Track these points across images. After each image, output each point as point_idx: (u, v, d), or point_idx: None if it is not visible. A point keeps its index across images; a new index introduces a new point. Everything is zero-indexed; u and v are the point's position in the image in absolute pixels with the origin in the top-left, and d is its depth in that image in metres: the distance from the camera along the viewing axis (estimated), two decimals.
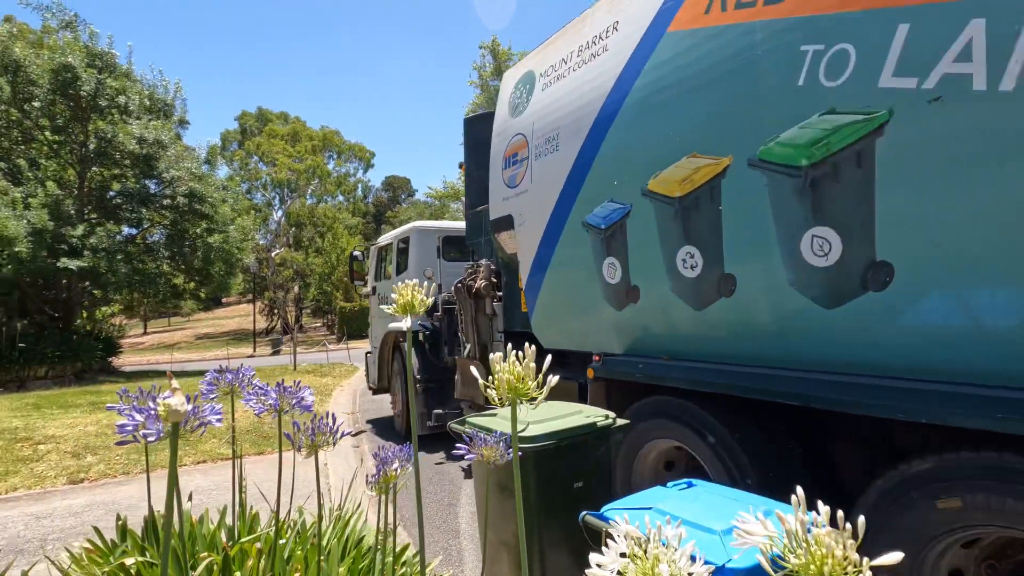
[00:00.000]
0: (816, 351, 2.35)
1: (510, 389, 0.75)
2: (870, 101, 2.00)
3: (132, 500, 4.79)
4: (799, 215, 2.27)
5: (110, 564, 1.71)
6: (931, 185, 1.88)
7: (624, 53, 3.17)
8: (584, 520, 1.85)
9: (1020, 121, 1.64)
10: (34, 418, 8.16)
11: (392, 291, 3.07)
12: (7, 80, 14.03)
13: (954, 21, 1.77)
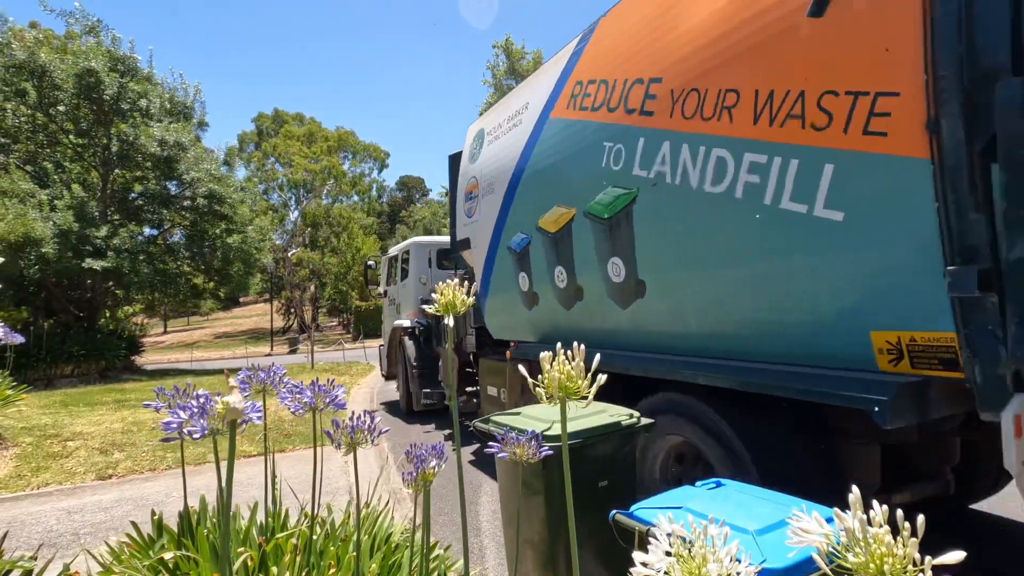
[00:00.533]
0: (620, 337, 3.69)
1: (560, 388, 0.75)
2: (630, 182, 3.29)
3: (159, 496, 4.89)
4: (606, 249, 3.56)
5: (149, 558, 1.75)
6: (659, 234, 3.17)
7: (528, 128, 4.45)
8: (615, 519, 1.85)
9: (687, 202, 2.90)
10: (62, 415, 8.35)
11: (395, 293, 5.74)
12: (33, 85, 14.35)
13: (657, 140, 3.08)
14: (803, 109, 2.29)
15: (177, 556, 1.75)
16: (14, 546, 3.32)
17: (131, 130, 15.24)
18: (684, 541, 0.85)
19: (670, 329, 3.29)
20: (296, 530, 1.83)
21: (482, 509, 4.50)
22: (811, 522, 0.70)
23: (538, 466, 2.74)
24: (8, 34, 14.47)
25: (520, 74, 34.14)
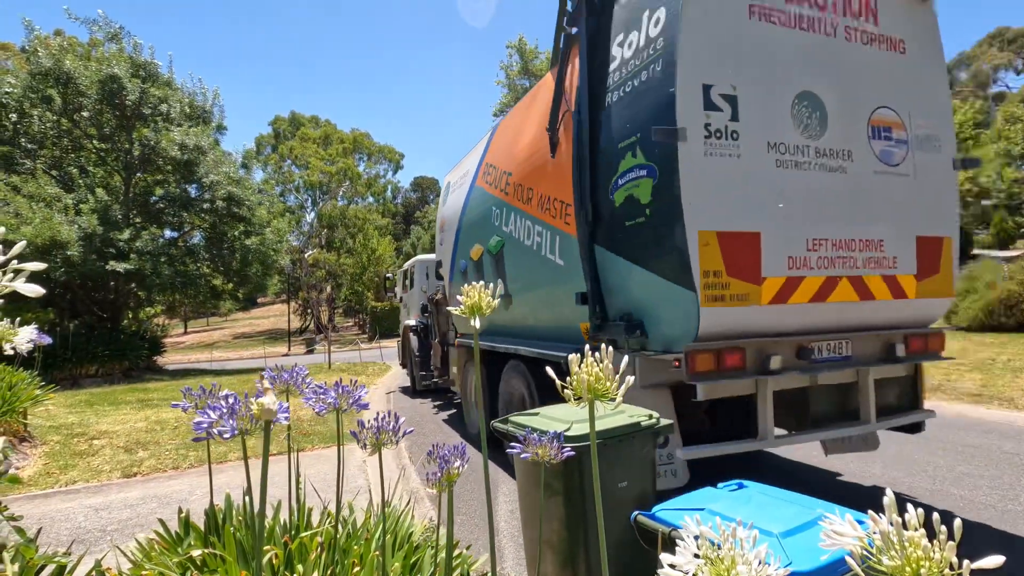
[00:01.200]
0: (506, 329, 5.83)
1: (589, 390, 0.76)
2: (502, 234, 5.36)
3: (182, 494, 4.98)
4: (494, 273, 5.67)
5: (178, 555, 1.78)
6: (513, 265, 5.27)
7: (466, 189, 6.67)
8: (636, 520, 1.84)
9: (520, 249, 5.03)
10: (87, 414, 8.54)
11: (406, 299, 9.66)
12: (58, 91, 14.69)
13: (510, 211, 5.14)
14: (550, 204, 4.47)
15: (205, 554, 1.78)
16: (46, 542, 3.41)
17: (152, 134, 15.54)
18: (711, 543, 0.85)
19: (523, 324, 5.47)
20: (320, 529, 1.85)
21: (499, 508, 4.50)
22: (845, 525, 0.70)
23: (558, 467, 2.74)
24: (35, 42, 14.83)
25: (533, 74, 34.09)
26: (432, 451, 1.60)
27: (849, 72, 3.58)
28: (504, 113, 35.09)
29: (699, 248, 3.07)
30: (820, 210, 3.41)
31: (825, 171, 3.45)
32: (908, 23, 3.83)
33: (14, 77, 14.88)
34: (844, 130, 3.52)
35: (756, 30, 3.31)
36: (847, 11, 3.61)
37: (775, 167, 3.29)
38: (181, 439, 6.77)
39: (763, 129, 3.28)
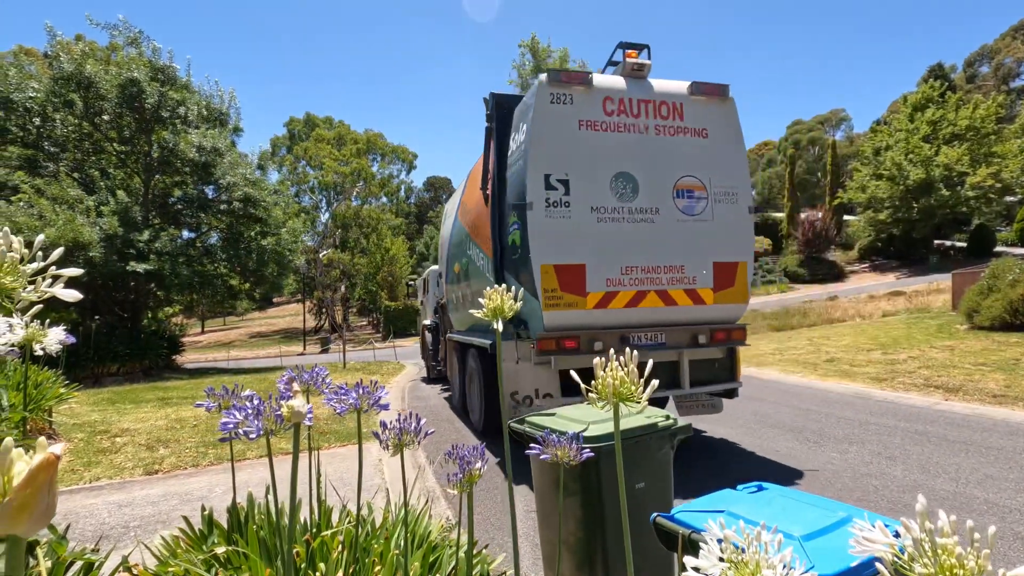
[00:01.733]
0: (478, 325, 7.20)
1: (615, 393, 0.76)
2: (467, 256, 7.29)
3: (203, 491, 5.05)
4: (467, 284, 7.43)
5: (203, 552, 1.81)
6: (473, 280, 7.04)
7: (452, 220, 8.49)
8: (655, 522, 1.84)
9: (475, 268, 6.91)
10: (109, 412, 8.70)
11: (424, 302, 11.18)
12: (80, 96, 14.98)
13: (472, 242, 7.01)
14: (486, 239, 5.89)
15: (229, 551, 1.81)
16: (72, 538, 3.49)
17: (171, 137, 15.78)
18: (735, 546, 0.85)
19: (478, 322, 6.88)
20: (341, 528, 1.87)
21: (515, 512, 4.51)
22: (876, 532, 0.69)
23: (575, 467, 2.75)
24: (57, 47, 15.13)
25: None
26: (451, 452, 1.61)
27: (659, 155, 5.27)
28: None
29: (541, 274, 4.96)
30: (632, 248, 5.14)
31: (636, 223, 5.18)
32: (710, 114, 5.47)
33: (37, 82, 15.20)
34: (652, 194, 5.25)
35: (584, 136, 5.08)
36: (657, 114, 5.30)
37: (596, 223, 5.05)
38: (200, 437, 6.88)
39: (587, 199, 5.06)
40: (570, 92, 5.09)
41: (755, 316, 19.60)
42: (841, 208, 42.44)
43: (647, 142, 5.25)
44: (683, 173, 5.30)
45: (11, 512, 0.36)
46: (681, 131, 5.34)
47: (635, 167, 5.18)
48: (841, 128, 72.75)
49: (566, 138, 5.03)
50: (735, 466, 5.15)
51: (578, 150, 5.05)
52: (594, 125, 5.10)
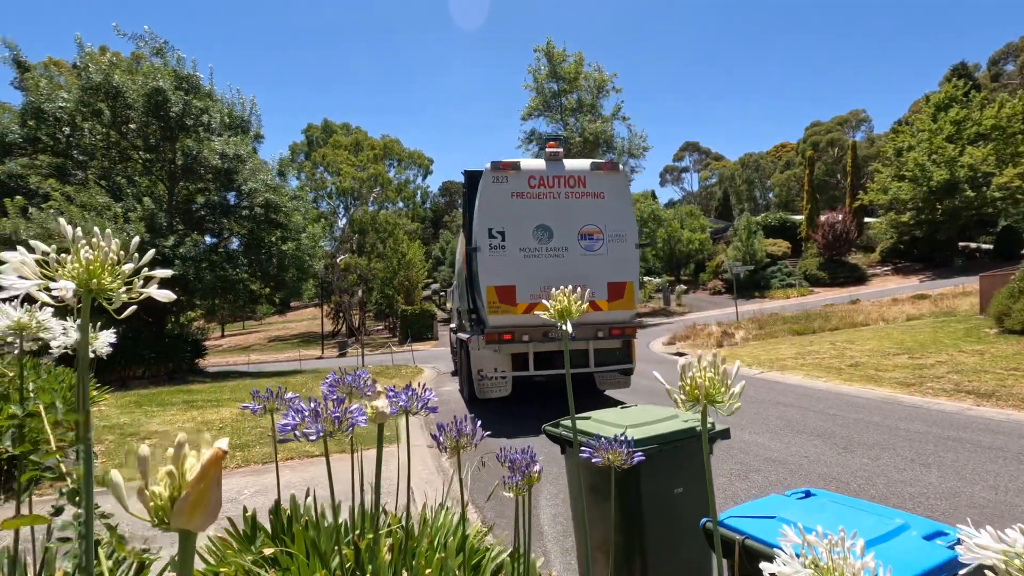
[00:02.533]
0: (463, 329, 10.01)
1: (707, 395, 0.75)
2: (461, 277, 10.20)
3: (232, 493, 5.11)
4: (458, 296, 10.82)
5: (252, 553, 1.83)
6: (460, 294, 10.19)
7: (459, 252, 10.46)
8: (705, 528, 1.81)
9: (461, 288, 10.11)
10: (137, 415, 8.85)
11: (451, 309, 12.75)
12: (107, 105, 15.33)
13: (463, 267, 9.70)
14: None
15: (277, 551, 1.82)
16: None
17: (195, 144, 16.07)
18: (798, 554, 0.84)
19: None
20: (389, 529, 1.88)
21: (542, 512, 4.49)
22: (986, 538, 0.67)
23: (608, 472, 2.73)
24: (86, 58, 15.51)
25: (561, 77, 34.06)
26: (500, 455, 1.61)
27: (568, 212, 7.68)
28: (531, 117, 35.13)
29: (486, 292, 7.49)
30: (548, 273, 7.48)
31: (551, 257, 7.66)
32: (606, 182, 7.88)
33: (67, 92, 15.59)
34: (562, 238, 7.70)
35: (515, 201, 7.54)
36: (566, 185, 7.73)
37: (523, 258, 7.48)
38: (228, 438, 6.95)
39: (517, 242, 7.57)
40: (506, 174, 7.64)
41: (774, 320, 19.34)
42: (862, 210, 41.76)
43: (559, 204, 7.77)
44: (585, 223, 7.81)
45: (187, 507, 0.36)
46: (584, 195, 7.83)
47: (550, 220, 7.74)
48: (861, 129, 71.64)
49: (503, 204, 7.62)
50: (762, 471, 5.08)
51: (510, 211, 7.64)
52: (522, 195, 7.68)
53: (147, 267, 0.81)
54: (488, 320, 7.55)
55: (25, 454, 1.73)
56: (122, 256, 0.78)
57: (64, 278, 0.71)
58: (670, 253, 43.84)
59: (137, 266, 0.79)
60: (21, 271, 0.70)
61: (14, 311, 1.80)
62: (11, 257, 0.70)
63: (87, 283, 0.71)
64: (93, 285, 0.72)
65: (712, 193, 79.99)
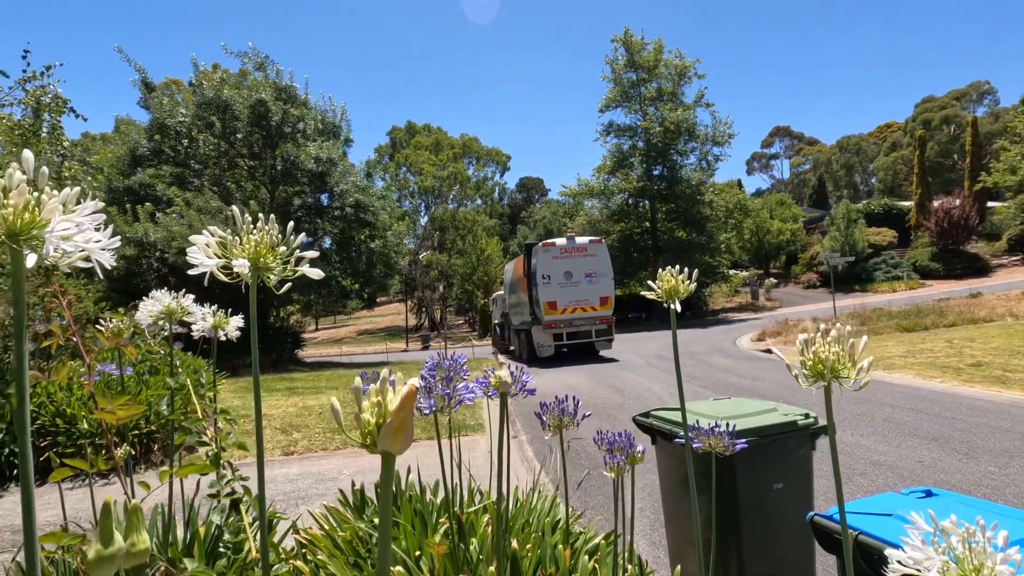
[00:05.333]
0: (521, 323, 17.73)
1: (832, 370, 0.74)
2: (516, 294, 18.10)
3: (332, 472, 5.50)
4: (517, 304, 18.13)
5: (364, 522, 1.98)
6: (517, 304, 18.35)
7: (511, 275, 18.83)
8: (813, 521, 1.75)
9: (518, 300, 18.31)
10: (247, 399, 9.71)
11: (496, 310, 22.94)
12: (218, 118, 16.84)
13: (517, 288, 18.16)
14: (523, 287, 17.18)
15: None
16: None
17: (293, 150, 17.28)
18: (929, 543, 0.81)
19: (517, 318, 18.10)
20: (485, 503, 1.97)
21: (628, 505, 4.46)
22: None
23: (701, 464, 2.67)
24: (200, 76, 17.12)
25: (640, 66, 33.14)
26: (598, 437, 1.64)
27: (578, 264, 15.49)
28: (609, 109, 34.45)
29: (544, 304, 15.19)
30: (572, 294, 15.32)
31: (571, 287, 15.36)
32: (596, 248, 15.98)
33: (184, 108, 17.30)
34: (577, 276, 15.46)
35: (554, 260, 15.35)
36: (577, 251, 15.62)
37: (559, 287, 15.20)
38: (326, 424, 7.48)
39: (555, 280, 15.29)
40: (548, 247, 15.51)
41: (879, 315, 17.79)
42: (984, 194, 37.36)
43: (574, 260, 15.28)
44: (588, 269, 15.32)
45: (391, 433, 0.43)
46: (585, 255, 15.47)
47: (571, 268, 15.16)
48: (984, 103, 63.99)
49: (548, 262, 15.13)
50: (867, 474, 4.73)
51: (552, 265, 15.10)
52: (557, 257, 15.21)
53: (299, 249, 0.91)
54: (544, 318, 15.14)
55: (175, 421, 1.98)
56: (279, 239, 0.89)
57: (238, 258, 0.82)
58: (758, 245, 41.56)
59: (291, 248, 0.89)
60: (206, 252, 0.82)
61: (166, 297, 2.05)
62: (198, 240, 0.82)
63: (256, 261, 0.82)
64: (260, 264, 0.83)
65: (805, 180, 74.78)
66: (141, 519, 0.51)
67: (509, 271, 18.62)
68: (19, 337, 0.60)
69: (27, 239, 0.60)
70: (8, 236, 0.59)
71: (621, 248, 32.55)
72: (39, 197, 0.61)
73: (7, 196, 0.59)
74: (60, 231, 0.59)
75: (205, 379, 1.98)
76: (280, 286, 0.89)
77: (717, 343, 17.25)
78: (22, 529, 0.59)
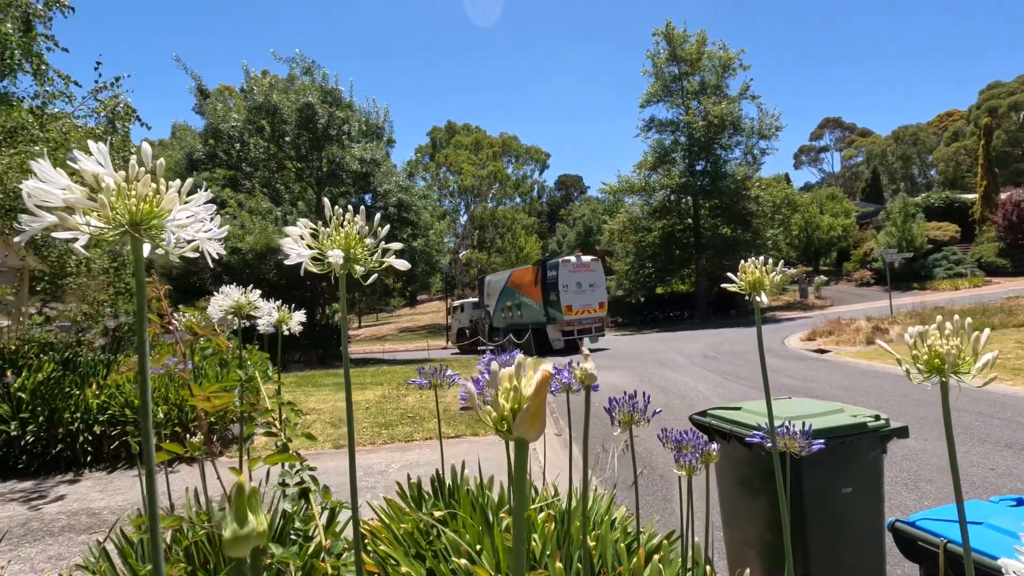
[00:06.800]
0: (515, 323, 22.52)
1: (953, 366, 0.69)
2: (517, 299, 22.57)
3: (380, 466, 5.61)
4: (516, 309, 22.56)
5: (425, 514, 2.00)
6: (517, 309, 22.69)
7: (502, 285, 23.48)
8: (895, 527, 1.66)
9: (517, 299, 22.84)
10: (298, 394, 10.02)
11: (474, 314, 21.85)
12: (268, 122, 17.42)
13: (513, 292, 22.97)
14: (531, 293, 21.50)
15: (446, 514, 1.98)
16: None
17: (338, 151, 17.71)
18: None
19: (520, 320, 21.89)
20: (545, 502, 1.96)
21: (679, 507, 4.37)
22: None
23: (762, 465, 2.59)
24: (251, 82, 17.76)
25: (683, 59, 32.39)
26: (663, 436, 1.60)
27: (585, 276, 19.85)
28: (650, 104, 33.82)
29: (563, 307, 19.19)
30: (582, 299, 19.52)
31: (580, 294, 19.60)
32: (595, 264, 20.54)
33: (237, 113, 17.98)
34: (584, 285, 19.71)
35: (570, 273, 19.58)
36: (584, 267, 19.98)
37: (573, 294, 19.37)
38: (373, 419, 7.63)
39: (571, 287, 19.51)
40: (565, 263, 19.72)
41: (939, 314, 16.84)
42: None
43: (582, 274, 19.65)
44: (591, 281, 19.78)
45: (527, 419, 0.42)
46: (589, 271, 19.93)
47: (581, 280, 19.53)
48: None
49: (566, 275, 19.37)
50: (935, 481, 4.49)
51: (568, 277, 19.36)
52: (571, 271, 19.48)
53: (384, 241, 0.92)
54: (564, 318, 18.99)
55: (245, 411, 2.06)
56: (366, 231, 0.90)
57: (330, 248, 0.84)
58: (807, 241, 40.05)
59: (378, 240, 0.90)
60: (299, 243, 0.84)
61: (235, 293, 2.13)
62: (292, 231, 0.84)
63: (348, 252, 0.83)
64: (351, 254, 0.84)
65: (858, 173, 71.56)
66: (259, 501, 0.52)
67: (499, 280, 23.21)
68: (141, 326, 0.63)
69: (147, 228, 0.63)
70: (131, 225, 0.61)
71: (663, 246, 31.94)
72: (157, 188, 0.63)
73: (130, 186, 0.61)
74: (181, 220, 0.61)
75: (272, 372, 2.05)
76: (367, 277, 0.90)
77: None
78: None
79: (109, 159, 0.60)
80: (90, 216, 0.60)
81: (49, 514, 4.40)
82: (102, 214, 0.58)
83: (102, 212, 0.58)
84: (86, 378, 5.93)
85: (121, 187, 0.60)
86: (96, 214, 0.59)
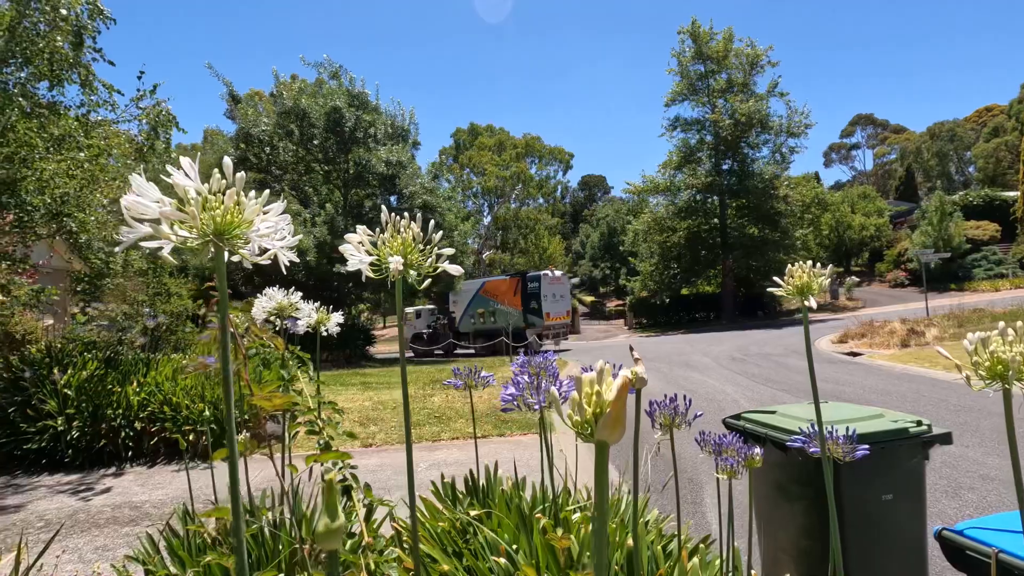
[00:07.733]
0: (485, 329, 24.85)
1: (1018, 372, 0.69)
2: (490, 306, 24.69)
3: None
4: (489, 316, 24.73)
5: (460, 513, 2.03)
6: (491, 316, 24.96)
7: (473, 293, 25.07)
8: (942, 535, 1.63)
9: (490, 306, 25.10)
10: (325, 393, 10.17)
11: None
12: (297, 125, 17.77)
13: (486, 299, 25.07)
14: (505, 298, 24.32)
15: (482, 513, 2.01)
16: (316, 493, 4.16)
17: (364, 154, 17.97)
18: None
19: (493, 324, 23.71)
20: (578, 505, 1.97)
21: (708, 512, 4.33)
22: None
23: (800, 471, 2.55)
24: (280, 87, 18.14)
25: (709, 57, 31.95)
26: (700, 439, 1.60)
27: (558, 288, 23.95)
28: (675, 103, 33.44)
29: (544, 314, 22.43)
30: (556, 307, 23.25)
31: (555, 302, 23.21)
32: (564, 279, 25.11)
33: (267, 117, 18.40)
34: (558, 295, 23.56)
35: (549, 284, 22.98)
36: (556, 281, 23.71)
37: (550, 302, 23.11)
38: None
39: (549, 296, 22.85)
40: (546, 275, 23.18)
41: (979, 316, 16.27)
42: None
43: (557, 286, 23.36)
44: (562, 292, 23.72)
45: (609, 423, 0.44)
46: (561, 284, 23.86)
47: (556, 291, 23.23)
48: None
49: (547, 286, 22.62)
50: (976, 489, 4.35)
51: (548, 288, 22.69)
52: (551, 283, 22.95)
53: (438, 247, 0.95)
54: (543, 323, 22.11)
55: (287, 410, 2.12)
56: (420, 237, 0.93)
57: (388, 254, 0.87)
58: (838, 241, 39.14)
59: (432, 245, 0.93)
60: (358, 250, 0.87)
61: (279, 295, 2.19)
62: (351, 238, 0.88)
63: (406, 257, 0.86)
64: (408, 260, 0.87)
65: (891, 171, 69.53)
66: (337, 497, 0.55)
67: (468, 290, 24.81)
68: (224, 330, 0.67)
69: (229, 238, 0.66)
70: (215, 235, 0.65)
71: (688, 246, 31.53)
72: (238, 200, 0.67)
73: (216, 198, 0.65)
74: (262, 230, 0.65)
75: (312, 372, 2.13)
76: (422, 282, 0.93)
77: (793, 344, 16.41)
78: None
79: (197, 173, 0.64)
80: (178, 226, 0.64)
81: (95, 507, 4.58)
82: (191, 225, 0.62)
83: (191, 223, 0.62)
84: (127, 376, 6.14)
85: (207, 199, 0.64)
86: (184, 224, 0.63)
